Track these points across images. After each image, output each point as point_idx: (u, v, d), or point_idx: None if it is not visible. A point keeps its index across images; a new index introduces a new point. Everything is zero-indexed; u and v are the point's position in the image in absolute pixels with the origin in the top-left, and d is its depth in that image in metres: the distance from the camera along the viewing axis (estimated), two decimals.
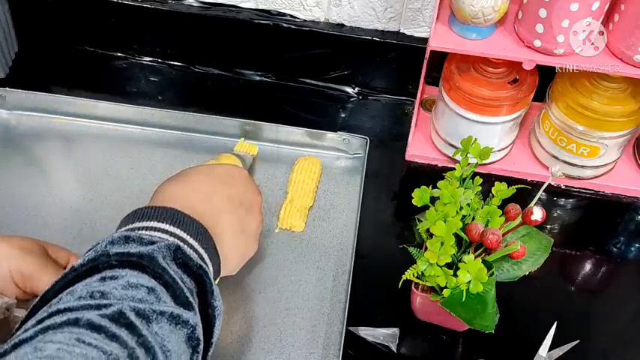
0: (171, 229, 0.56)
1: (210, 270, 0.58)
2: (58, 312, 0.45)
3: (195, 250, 0.56)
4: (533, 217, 0.64)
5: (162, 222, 0.56)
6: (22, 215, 0.81)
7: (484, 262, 0.65)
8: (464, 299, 0.64)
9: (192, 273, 0.53)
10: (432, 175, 0.88)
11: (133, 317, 0.46)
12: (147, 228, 0.56)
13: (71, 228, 0.80)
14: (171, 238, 0.55)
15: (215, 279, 0.61)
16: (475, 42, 0.77)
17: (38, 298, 0.49)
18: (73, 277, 0.49)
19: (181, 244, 0.54)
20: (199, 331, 0.50)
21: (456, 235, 0.66)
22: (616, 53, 0.76)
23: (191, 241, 0.56)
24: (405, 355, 0.73)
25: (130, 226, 0.57)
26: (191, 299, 0.51)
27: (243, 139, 0.89)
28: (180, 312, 0.49)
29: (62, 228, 0.80)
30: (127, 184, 0.85)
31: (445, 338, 0.74)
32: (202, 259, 0.57)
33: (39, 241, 0.64)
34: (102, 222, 0.81)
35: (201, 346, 0.51)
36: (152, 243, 0.52)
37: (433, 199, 0.68)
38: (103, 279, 0.48)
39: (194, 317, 0.50)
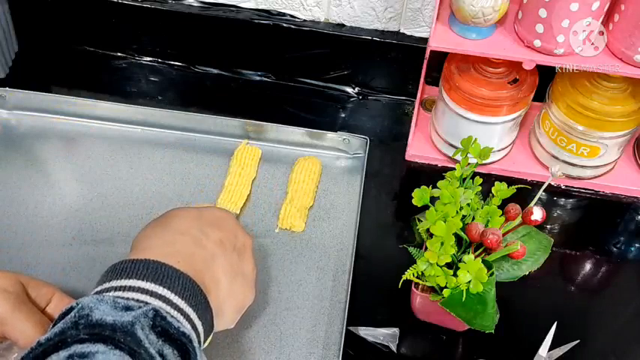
0: (153, 287, 0.50)
1: (200, 331, 0.53)
2: None
3: (181, 310, 0.51)
4: (533, 217, 0.64)
5: (143, 279, 0.51)
6: (22, 215, 0.81)
7: (484, 262, 0.65)
8: (464, 299, 0.64)
9: (173, 341, 0.48)
10: (432, 175, 0.88)
11: None
12: (124, 288, 0.50)
13: (71, 228, 0.80)
14: (152, 300, 0.49)
15: (208, 336, 0.56)
16: (475, 42, 0.77)
17: None
18: (40, 353, 0.45)
19: (162, 306, 0.49)
20: None
21: (456, 235, 0.66)
22: (616, 53, 0.76)
23: (176, 299, 0.51)
24: (405, 355, 0.73)
25: (107, 285, 0.51)
26: None
27: (246, 141, 0.89)
28: None
29: (62, 228, 0.80)
30: (127, 184, 0.85)
31: (445, 338, 0.74)
32: (189, 319, 0.51)
33: (20, 277, 0.60)
34: (102, 222, 0.81)
35: None
36: (128, 308, 0.47)
37: (433, 199, 0.68)
38: (71, 357, 0.43)
39: None
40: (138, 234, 0.60)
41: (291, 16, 0.94)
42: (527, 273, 0.69)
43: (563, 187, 0.89)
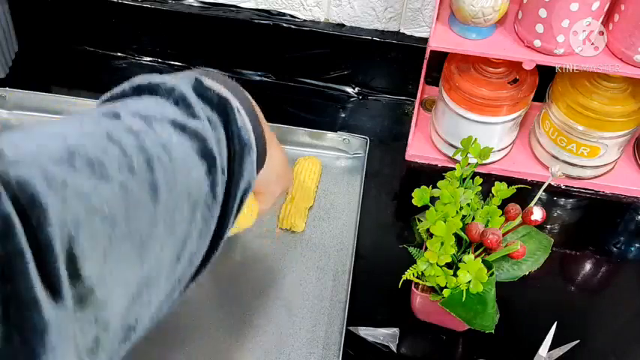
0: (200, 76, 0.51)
1: (249, 126, 0.51)
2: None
3: (223, 96, 0.50)
4: (533, 217, 0.64)
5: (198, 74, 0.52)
6: None
7: (484, 262, 0.65)
8: (464, 299, 0.64)
9: (212, 103, 0.48)
10: (432, 175, 0.88)
11: (128, 118, 0.42)
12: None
13: None
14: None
15: (260, 163, 0.54)
16: (475, 42, 0.77)
17: None
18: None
19: (203, 79, 0.50)
20: (214, 147, 0.45)
21: (456, 235, 0.66)
22: (616, 53, 0.76)
23: (218, 88, 0.50)
24: (405, 355, 0.73)
25: None
26: (202, 114, 0.46)
27: None
28: (186, 121, 0.44)
29: None
30: None
31: (445, 338, 0.74)
32: (236, 107, 0.51)
33: None
34: None
35: (219, 167, 0.46)
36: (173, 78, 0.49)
37: (433, 199, 0.68)
38: (114, 105, 0.46)
39: (204, 128, 0.45)
40: None
41: (291, 16, 0.93)
42: (527, 273, 0.69)
43: (563, 187, 0.89)
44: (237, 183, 0.48)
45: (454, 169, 0.71)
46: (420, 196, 0.68)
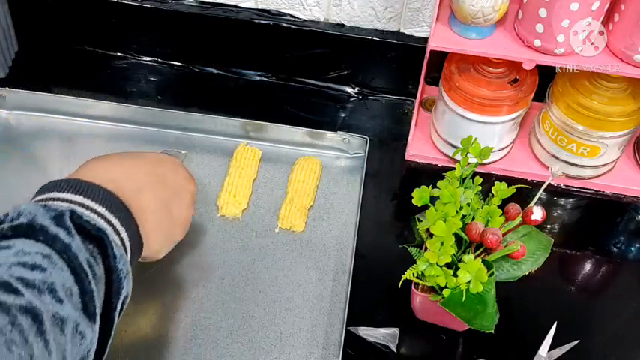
0: (70, 196, 0.55)
1: (124, 236, 0.57)
2: None
3: (100, 215, 0.56)
4: (533, 217, 0.64)
5: (62, 192, 0.56)
6: None
7: (484, 262, 0.65)
8: (464, 299, 0.64)
9: (89, 236, 0.53)
10: (432, 175, 0.88)
11: (20, 286, 0.45)
12: (45, 200, 0.56)
13: None
14: (70, 205, 0.54)
15: (138, 254, 0.60)
16: (475, 42, 0.77)
17: None
18: None
19: (78, 208, 0.54)
20: (96, 299, 0.50)
21: (456, 235, 0.66)
22: (616, 53, 0.76)
23: (94, 205, 0.56)
24: (405, 355, 0.73)
25: (32, 200, 0.57)
26: (85, 266, 0.50)
27: (246, 142, 0.89)
28: (71, 283, 0.49)
29: None
30: None
31: (445, 338, 0.74)
32: (107, 220, 0.56)
33: None
34: None
35: (97, 310, 0.51)
36: (48, 210, 0.52)
37: (433, 199, 0.68)
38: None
39: (89, 285, 0.50)
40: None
41: (291, 16, 0.93)
42: (527, 273, 0.69)
43: (563, 187, 0.89)
44: (114, 307, 0.54)
45: (454, 169, 0.71)
46: (419, 196, 0.68)
